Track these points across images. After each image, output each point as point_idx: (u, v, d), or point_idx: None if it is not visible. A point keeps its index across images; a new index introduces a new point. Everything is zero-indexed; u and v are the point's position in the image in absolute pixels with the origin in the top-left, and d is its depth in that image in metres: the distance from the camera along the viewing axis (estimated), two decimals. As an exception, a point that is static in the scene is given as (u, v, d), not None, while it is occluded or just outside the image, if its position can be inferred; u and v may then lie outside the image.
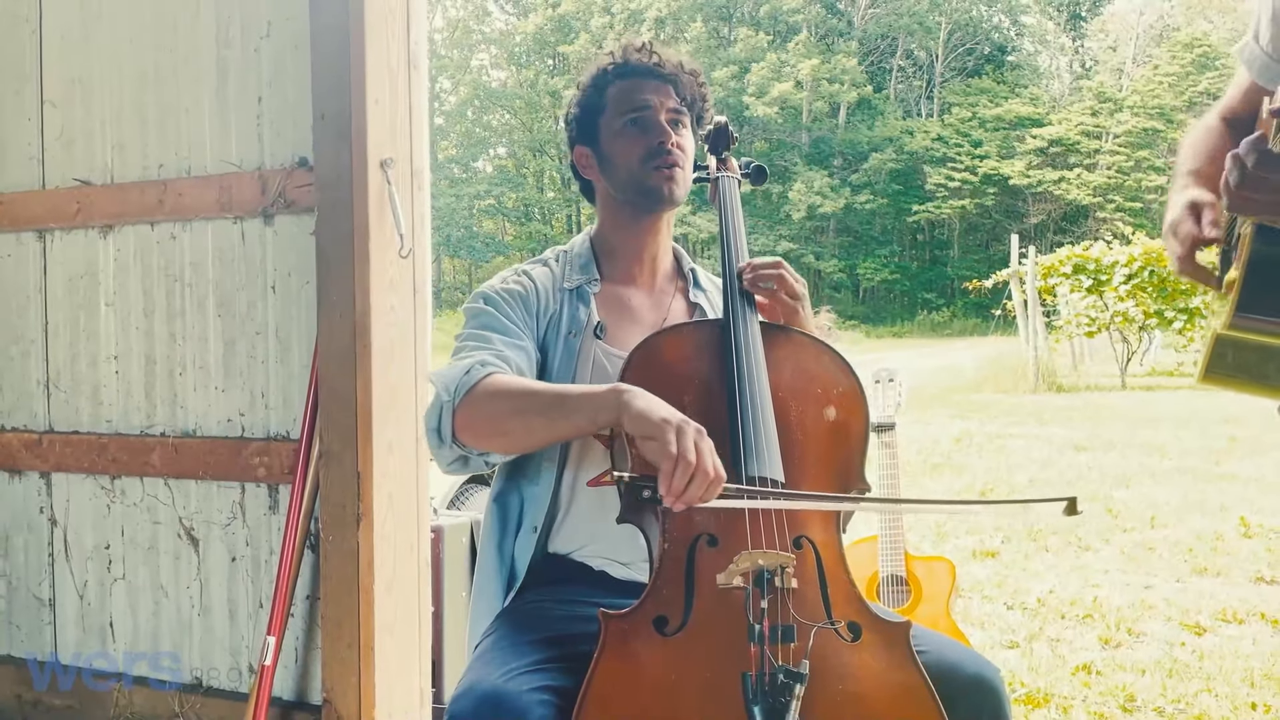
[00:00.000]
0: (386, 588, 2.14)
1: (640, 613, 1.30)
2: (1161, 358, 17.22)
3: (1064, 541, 5.11)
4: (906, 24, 46.36)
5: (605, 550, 1.57)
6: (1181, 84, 41.31)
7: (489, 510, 1.65)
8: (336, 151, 2.10)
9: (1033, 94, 45.56)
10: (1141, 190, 39.76)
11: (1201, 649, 3.48)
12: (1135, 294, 13.62)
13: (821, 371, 1.51)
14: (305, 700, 2.33)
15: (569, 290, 1.66)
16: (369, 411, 2.11)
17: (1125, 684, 3.12)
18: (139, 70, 2.47)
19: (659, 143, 1.63)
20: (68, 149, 2.56)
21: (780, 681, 1.19)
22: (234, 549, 2.41)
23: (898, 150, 42.56)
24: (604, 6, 44.76)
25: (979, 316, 31.79)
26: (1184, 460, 7.49)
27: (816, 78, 42.02)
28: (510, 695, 1.25)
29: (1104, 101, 42.79)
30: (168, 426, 2.48)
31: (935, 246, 45.70)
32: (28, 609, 2.68)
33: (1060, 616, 3.91)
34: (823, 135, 43.46)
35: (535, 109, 44.91)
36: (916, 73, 47.69)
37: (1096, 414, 10.68)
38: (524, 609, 1.53)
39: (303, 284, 2.29)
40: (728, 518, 1.34)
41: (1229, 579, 4.41)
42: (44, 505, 2.64)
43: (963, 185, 41.35)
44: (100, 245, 2.54)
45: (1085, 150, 41.36)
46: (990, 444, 8.57)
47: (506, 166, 45.62)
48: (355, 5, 2.07)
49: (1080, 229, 38.10)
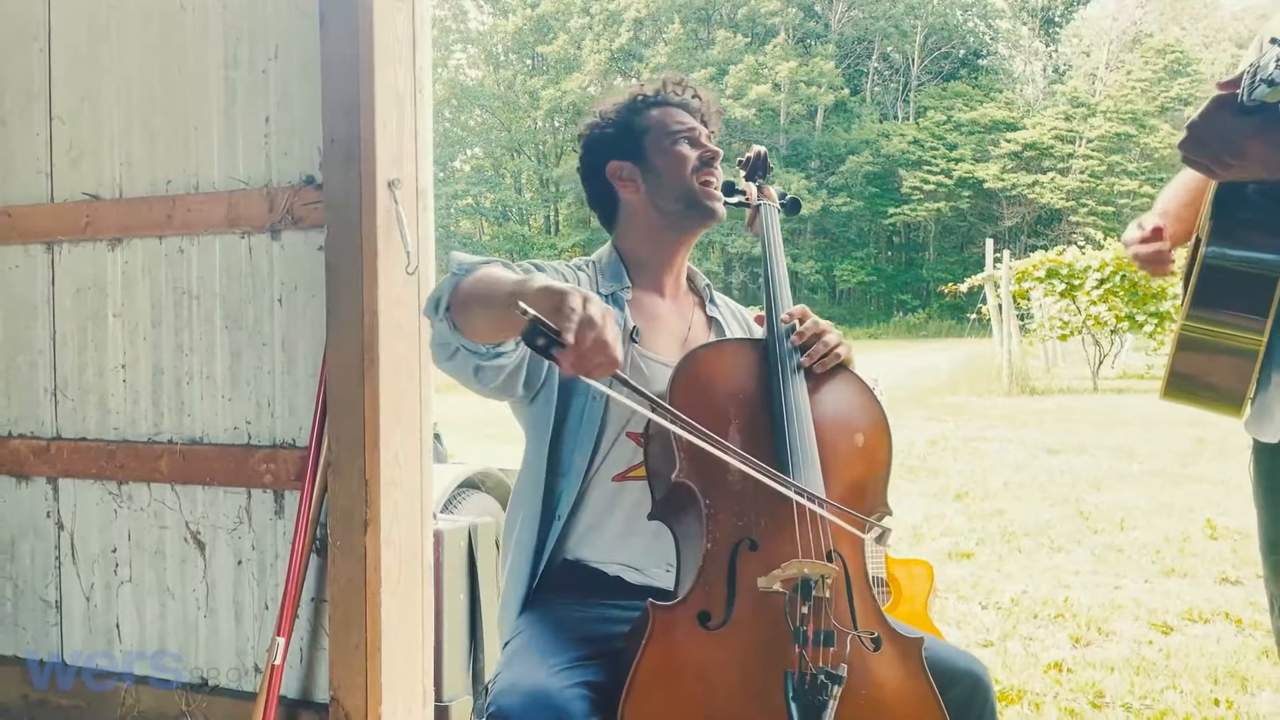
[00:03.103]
0: (392, 591, 2.22)
1: (685, 606, 1.39)
2: (1132, 361, 17.50)
3: (1036, 543, 5.25)
4: (883, 27, 46.69)
5: (622, 557, 1.65)
6: (1154, 89, 41.81)
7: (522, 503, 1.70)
8: (346, 173, 2.19)
9: (1007, 98, 46.00)
10: (1114, 194, 40.22)
11: (1168, 647, 3.61)
12: (1107, 298, 13.89)
13: (854, 400, 1.62)
14: (310, 699, 2.41)
15: (604, 295, 1.73)
16: (376, 422, 2.20)
17: (1095, 681, 3.25)
18: (148, 89, 2.55)
19: (710, 156, 1.76)
20: (76, 164, 2.63)
21: (820, 681, 1.30)
22: (240, 553, 2.49)
23: (874, 153, 42.88)
24: (583, 7, 44.80)
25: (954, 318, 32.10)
26: (1153, 463, 7.67)
27: (794, 80, 42.26)
28: (553, 691, 1.33)
29: (1077, 106, 43.26)
30: (175, 434, 2.55)
31: (911, 249, 46.05)
32: (34, 611, 2.74)
33: (1033, 616, 4.04)
34: (800, 138, 43.69)
35: (513, 109, 44.89)
36: (893, 76, 48.04)
37: (1069, 417, 10.88)
38: (550, 612, 1.60)
39: (309, 298, 2.38)
40: (771, 525, 1.44)
41: (1195, 580, 4.55)
42: (50, 510, 2.71)
43: (938, 188, 41.72)
44: (108, 258, 2.61)
45: (1059, 154, 41.81)
46: (965, 447, 8.73)
47: (484, 166, 45.56)
48: (365, 33, 2.16)
49: (1054, 232, 38.52)
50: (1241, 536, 5.21)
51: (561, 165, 43.02)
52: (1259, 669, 3.36)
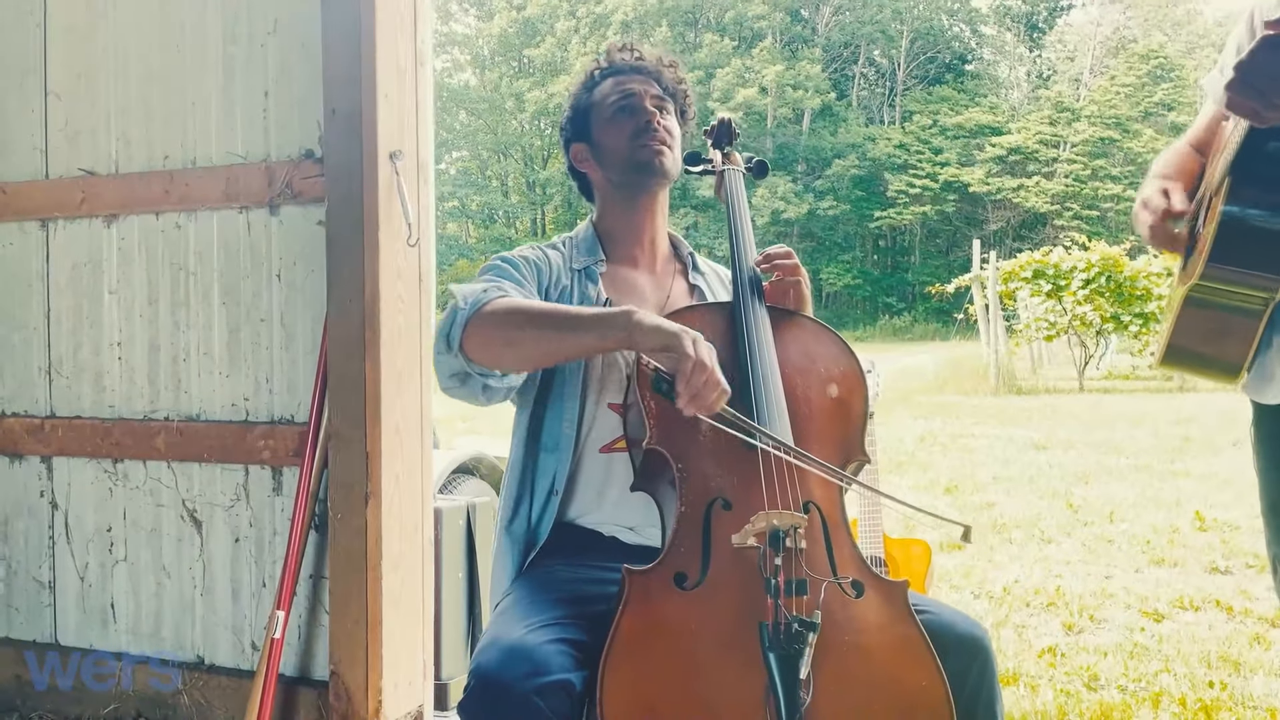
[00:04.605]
0: (393, 565, 2.21)
1: (661, 569, 1.40)
2: (1117, 362, 17.59)
3: (1027, 535, 5.27)
4: (869, 32, 46.86)
5: (615, 517, 1.66)
6: (1138, 94, 42.09)
7: (508, 479, 1.73)
8: (347, 144, 2.18)
9: (992, 103, 46.23)
10: (1098, 198, 40.45)
11: (1160, 634, 3.62)
12: (1093, 298, 13.97)
13: (824, 351, 1.62)
14: (308, 676, 2.40)
15: (577, 270, 1.78)
16: (377, 395, 2.19)
17: (1089, 664, 3.26)
18: (145, 66, 2.53)
19: (645, 121, 1.77)
20: (72, 140, 2.62)
21: (795, 630, 1.30)
22: (237, 530, 2.47)
23: (860, 157, 43.01)
24: (569, 10, 44.82)
25: (939, 321, 32.21)
26: (1140, 458, 7.70)
27: (781, 84, 42.37)
28: (531, 646, 1.34)
29: (1062, 111, 43.50)
30: (172, 411, 2.54)
31: (897, 252, 46.21)
32: (27, 592, 2.72)
33: (1025, 604, 4.05)
34: (787, 141, 43.80)
35: (499, 111, 44.87)
36: (879, 80, 48.22)
37: (1055, 415, 10.92)
38: (539, 574, 1.62)
39: (308, 272, 2.37)
40: (741, 483, 1.44)
41: (1185, 569, 4.57)
42: (45, 489, 2.69)
43: (924, 192, 41.87)
44: (104, 235, 2.59)
45: (1043, 158, 42.03)
46: (953, 443, 8.75)
47: (470, 169, 45.52)
48: (367, 3, 2.15)
49: (1038, 236, 38.69)
50: (1230, 529, 5.24)
51: (548, 168, 43.02)
52: (1251, 654, 3.37)
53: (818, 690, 1.31)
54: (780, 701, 1.28)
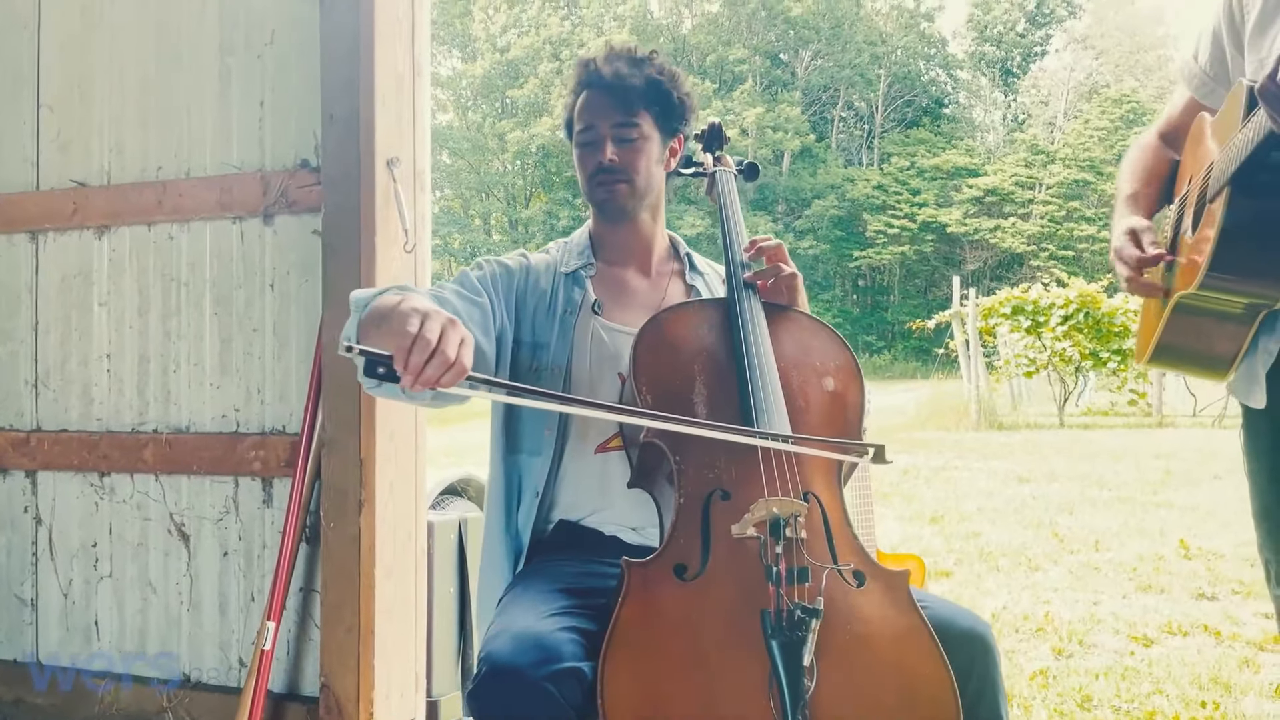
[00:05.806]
0: (386, 573, 2.18)
1: (661, 560, 1.38)
2: (1096, 399, 17.69)
3: (1014, 563, 5.26)
4: (848, 76, 47.45)
5: (616, 517, 1.65)
6: (1111, 138, 42.68)
7: (491, 489, 1.73)
8: (345, 151, 2.18)
9: (968, 145, 46.79)
10: (1074, 239, 40.89)
11: (1150, 658, 3.61)
12: (1071, 335, 14.08)
13: (820, 345, 1.63)
14: (297, 692, 2.36)
15: (565, 274, 1.78)
16: (371, 400, 2.17)
17: (1081, 686, 3.25)
18: (140, 76, 2.53)
19: (596, 163, 1.74)
20: (64, 151, 2.60)
21: (798, 617, 1.28)
22: (226, 543, 2.44)
23: (839, 197, 43.36)
24: (553, 53, 45.19)
25: (919, 360, 32.34)
26: (1123, 490, 7.73)
27: (761, 126, 42.78)
28: (543, 633, 1.32)
29: (1037, 154, 44.06)
30: (160, 423, 2.51)
31: (876, 292, 46.47)
32: (8, 609, 2.67)
33: (1014, 630, 4.03)
34: (767, 182, 44.12)
35: (482, 151, 45.04)
36: (857, 123, 48.77)
37: (1037, 449, 10.95)
38: (543, 568, 1.60)
39: (302, 282, 2.35)
40: (741, 473, 1.43)
41: (1172, 595, 4.57)
42: (29, 504, 2.64)
43: (902, 232, 42.21)
44: (95, 246, 2.58)
45: (1019, 200, 42.49)
46: (936, 476, 8.75)
47: (453, 208, 45.61)
48: (366, 11, 2.16)
49: (1015, 275, 38.96)
50: (1215, 557, 5.25)
51: (530, 206, 43.16)
52: (1242, 676, 3.37)
53: (821, 678, 1.29)
54: (784, 690, 1.27)
